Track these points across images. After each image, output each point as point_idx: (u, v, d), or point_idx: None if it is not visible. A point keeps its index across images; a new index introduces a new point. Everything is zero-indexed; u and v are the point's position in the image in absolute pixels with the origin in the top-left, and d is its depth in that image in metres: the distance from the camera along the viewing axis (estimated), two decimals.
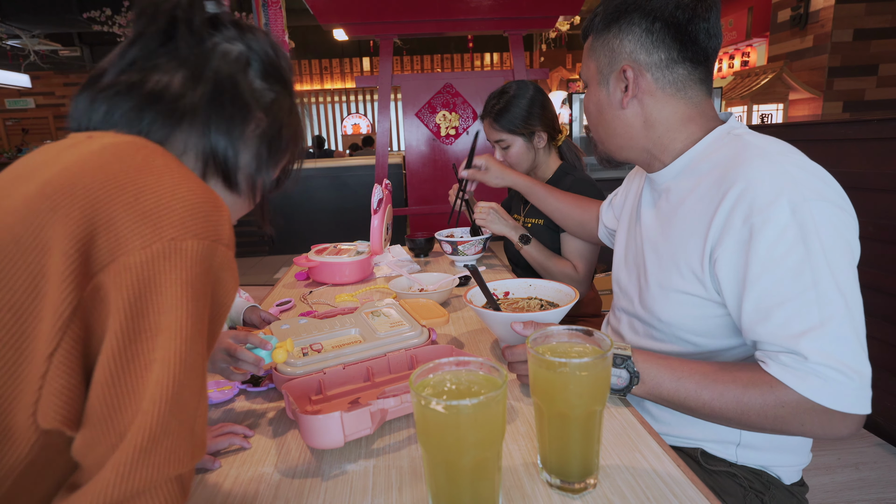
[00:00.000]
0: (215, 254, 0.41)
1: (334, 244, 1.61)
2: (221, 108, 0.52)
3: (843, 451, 1.82)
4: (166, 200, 0.40)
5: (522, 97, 1.49)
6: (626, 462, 0.63)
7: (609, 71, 0.81)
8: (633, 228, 0.93)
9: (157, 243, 0.38)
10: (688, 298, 0.76)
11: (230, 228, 0.44)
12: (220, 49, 0.53)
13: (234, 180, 0.55)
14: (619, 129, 0.83)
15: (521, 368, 0.80)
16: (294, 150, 0.62)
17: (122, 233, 0.38)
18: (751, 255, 0.66)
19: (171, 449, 0.38)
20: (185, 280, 0.39)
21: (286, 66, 0.59)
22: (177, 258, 0.39)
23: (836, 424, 0.63)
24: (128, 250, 0.38)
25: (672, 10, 0.75)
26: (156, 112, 0.50)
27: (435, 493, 0.52)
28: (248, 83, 0.55)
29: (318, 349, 0.88)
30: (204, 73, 0.51)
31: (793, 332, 0.64)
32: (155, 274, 0.38)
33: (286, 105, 0.59)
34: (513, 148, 1.53)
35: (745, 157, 0.71)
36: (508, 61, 9.44)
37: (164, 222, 0.39)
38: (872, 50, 3.90)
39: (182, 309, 0.39)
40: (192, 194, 0.41)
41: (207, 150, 0.52)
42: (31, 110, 8.97)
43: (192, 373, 0.39)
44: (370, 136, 8.08)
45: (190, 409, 0.39)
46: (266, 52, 0.56)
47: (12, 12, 5.51)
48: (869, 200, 1.83)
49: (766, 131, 2.49)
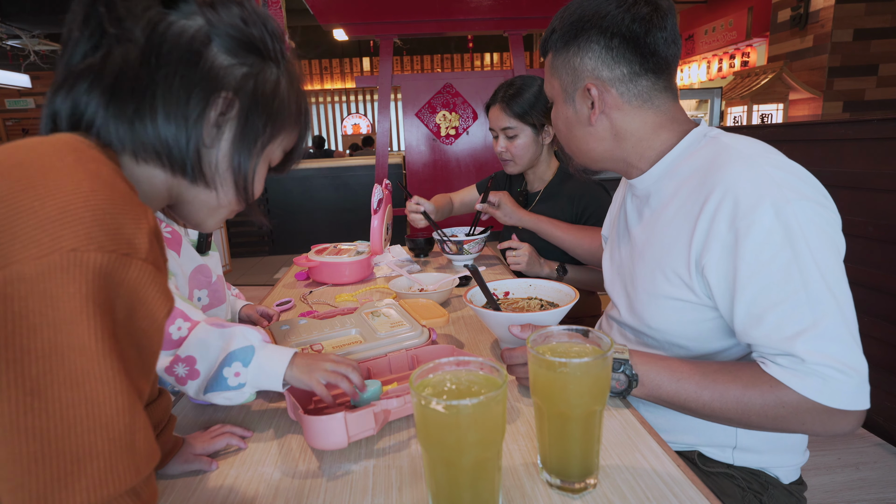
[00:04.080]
0: (129, 268, 0.38)
1: (334, 244, 1.61)
2: (169, 93, 0.47)
3: (843, 451, 1.81)
4: (75, 207, 0.36)
5: (534, 87, 1.49)
6: (626, 462, 0.63)
7: (573, 89, 0.81)
8: (618, 238, 0.93)
9: (55, 254, 0.34)
10: (677, 304, 0.76)
11: (151, 242, 0.40)
12: (175, 27, 0.48)
13: (197, 172, 0.51)
14: (590, 143, 0.83)
15: (520, 371, 0.79)
16: (290, 125, 0.57)
17: (18, 238, 0.35)
18: (738, 259, 0.66)
19: (106, 469, 0.36)
20: (84, 294, 0.35)
21: (263, 36, 0.52)
22: (76, 271, 0.35)
23: (837, 422, 0.64)
24: (21, 258, 0.34)
25: (628, 24, 0.74)
26: (105, 103, 0.46)
27: (435, 493, 0.52)
28: (207, 60, 0.49)
29: (318, 349, 0.88)
30: (151, 53, 0.46)
31: (787, 335, 0.64)
32: (50, 287, 0.34)
33: (268, 77, 0.53)
34: (520, 138, 1.51)
35: (724, 161, 0.71)
36: (508, 61, 9.44)
37: (66, 231, 0.35)
38: (872, 50, 3.90)
39: (82, 325, 0.35)
40: (107, 202, 0.38)
41: (160, 140, 0.48)
42: (31, 110, 8.96)
43: (108, 389, 0.37)
44: (370, 136, 8.08)
45: (119, 425, 0.37)
46: (233, 24, 0.50)
47: (12, 12, 5.51)
48: (869, 200, 1.82)
49: (766, 131, 2.49)
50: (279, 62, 0.55)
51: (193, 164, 0.50)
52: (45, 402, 0.35)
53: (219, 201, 0.55)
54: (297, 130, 0.59)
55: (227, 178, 0.53)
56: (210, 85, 0.49)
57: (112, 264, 0.37)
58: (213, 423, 0.75)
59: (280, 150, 0.58)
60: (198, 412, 0.80)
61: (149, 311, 0.41)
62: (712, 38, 6.00)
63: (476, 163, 3.14)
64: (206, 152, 0.51)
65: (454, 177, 3.15)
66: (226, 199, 0.55)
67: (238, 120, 0.52)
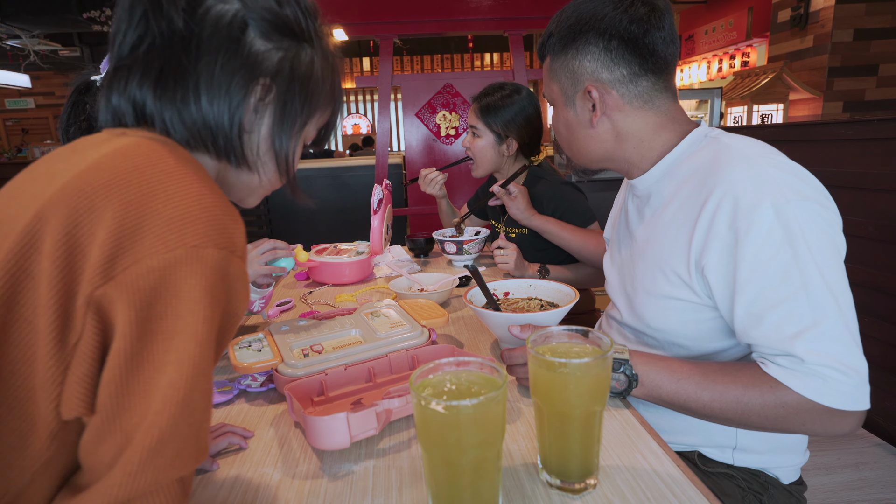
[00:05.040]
0: (231, 264, 0.42)
1: (334, 244, 1.61)
2: (211, 81, 0.49)
3: (843, 451, 1.82)
4: (192, 209, 0.41)
5: (514, 103, 1.53)
6: (626, 462, 0.63)
7: (573, 92, 0.81)
8: (618, 238, 0.94)
9: (180, 249, 0.39)
10: (677, 304, 0.76)
11: (244, 240, 0.45)
12: (213, 13, 0.49)
13: (241, 157, 0.53)
14: (591, 145, 0.84)
15: (519, 372, 0.80)
16: (326, 102, 0.58)
17: (148, 236, 0.39)
18: (738, 259, 0.66)
19: (178, 451, 0.39)
20: (204, 286, 0.40)
21: (296, 15, 0.53)
22: (197, 265, 0.39)
23: (837, 422, 0.64)
24: (151, 253, 0.38)
25: (626, 25, 0.74)
26: (156, 95, 0.48)
27: (435, 493, 0.52)
28: (245, 46, 0.50)
29: (318, 350, 0.88)
30: (192, 40, 0.48)
31: (787, 335, 0.64)
32: (176, 279, 0.39)
33: (303, 59, 0.54)
34: (480, 140, 1.57)
35: (724, 161, 0.71)
36: (508, 61, 9.44)
37: (188, 229, 0.40)
38: (872, 50, 3.90)
39: (198, 314, 0.39)
40: (214, 205, 0.42)
41: (206, 128, 0.50)
42: (31, 110, 8.96)
43: (202, 377, 0.40)
44: (370, 136, 8.08)
45: (199, 412, 0.40)
46: (267, 6, 0.51)
47: (12, 12, 5.51)
48: (869, 200, 1.82)
49: (766, 131, 2.49)
50: (313, 41, 0.56)
51: (237, 149, 0.52)
52: (161, 376, 0.38)
53: (260, 181, 0.57)
54: (331, 106, 0.60)
55: (269, 160, 0.56)
56: (249, 73, 0.51)
57: (225, 260, 0.41)
58: (214, 423, 0.75)
59: (315, 127, 0.60)
60: None
61: (238, 303, 0.44)
62: (712, 38, 6.00)
63: None
64: (247, 137, 0.53)
65: (454, 177, 3.14)
66: (266, 178, 0.57)
67: (276, 104, 0.54)
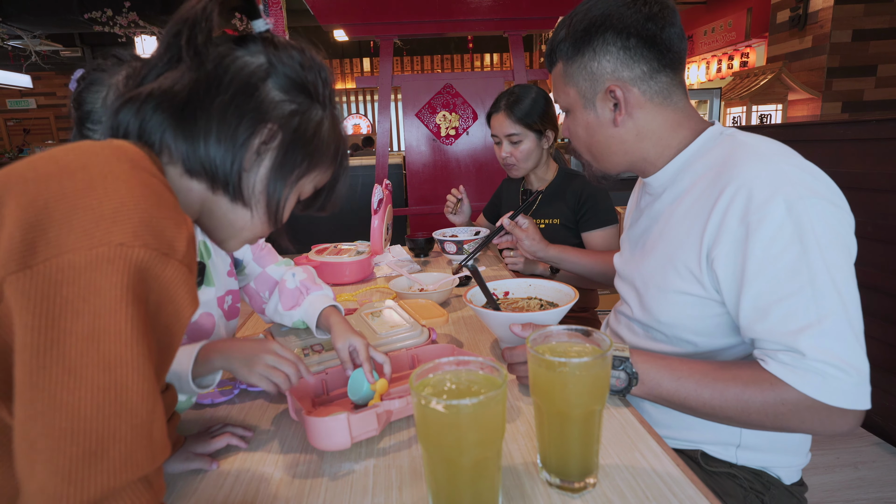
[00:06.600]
0: (166, 266, 0.41)
1: (334, 244, 1.61)
2: (223, 118, 0.52)
3: (843, 451, 1.82)
4: (125, 208, 0.40)
5: (532, 94, 1.55)
6: (626, 462, 0.63)
7: (593, 93, 0.81)
8: (630, 234, 0.94)
9: (104, 247, 0.38)
10: (687, 298, 0.76)
11: (188, 246, 0.44)
12: (239, 62, 0.54)
13: (237, 192, 0.55)
14: (613, 146, 0.84)
15: (520, 370, 0.80)
16: (326, 163, 0.61)
17: (75, 230, 0.38)
18: (748, 253, 0.67)
19: (126, 454, 0.38)
20: (126, 284, 0.39)
21: (316, 81, 0.58)
22: (120, 263, 0.38)
23: (836, 420, 0.64)
24: (76, 247, 0.38)
25: (643, 23, 0.75)
26: (171, 123, 0.51)
27: (435, 492, 0.53)
28: (261, 94, 0.54)
29: (318, 350, 0.88)
30: (214, 81, 0.52)
31: (790, 330, 0.64)
32: (96, 276, 0.38)
33: (313, 116, 0.58)
34: (524, 144, 1.56)
35: (740, 157, 0.71)
36: (508, 62, 9.44)
37: (116, 228, 0.39)
38: (871, 50, 3.90)
39: (120, 313, 0.38)
40: (153, 207, 0.42)
41: (209, 158, 0.52)
42: (33, 111, 8.96)
43: (137, 376, 0.39)
44: (370, 137, 8.08)
45: (142, 412, 0.39)
46: (293, 67, 0.56)
47: (13, 13, 5.51)
48: (868, 200, 1.83)
49: (765, 131, 2.49)
50: (325, 106, 0.60)
51: (234, 184, 0.54)
52: (79, 381, 0.37)
53: (251, 221, 0.58)
54: (331, 170, 0.63)
55: (261, 201, 0.57)
56: (259, 115, 0.54)
57: (152, 260, 0.40)
58: (214, 423, 0.75)
59: (312, 185, 0.62)
60: (199, 412, 0.81)
61: (176, 308, 0.44)
62: (711, 38, 6.00)
63: (476, 163, 3.14)
64: (245, 175, 0.55)
65: (454, 177, 3.15)
66: (257, 219, 0.58)
67: (279, 150, 0.56)
